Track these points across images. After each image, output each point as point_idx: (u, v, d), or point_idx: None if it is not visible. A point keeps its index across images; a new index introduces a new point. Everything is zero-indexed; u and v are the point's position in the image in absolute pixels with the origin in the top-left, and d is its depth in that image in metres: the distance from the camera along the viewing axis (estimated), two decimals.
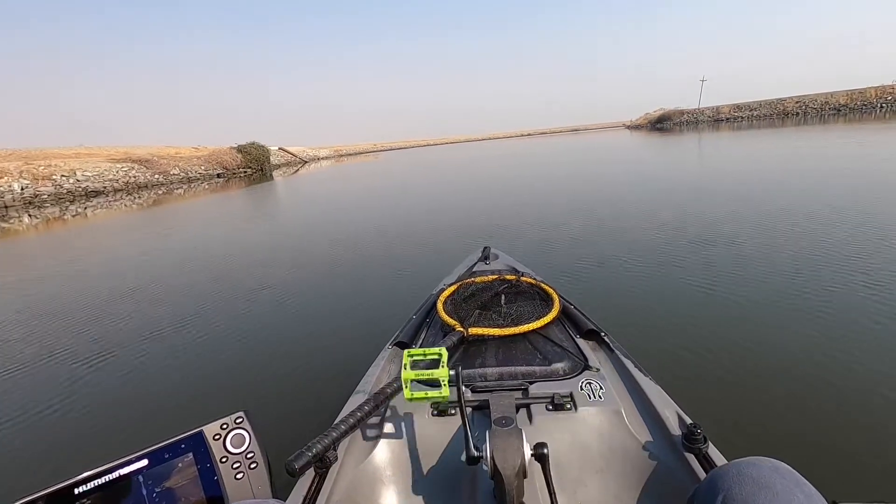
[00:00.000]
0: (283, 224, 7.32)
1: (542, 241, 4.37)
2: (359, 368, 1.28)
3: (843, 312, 2.30)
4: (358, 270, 4.00)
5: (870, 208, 4.31)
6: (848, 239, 3.45)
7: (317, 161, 41.07)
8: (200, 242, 6.21)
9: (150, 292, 3.88)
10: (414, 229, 5.74)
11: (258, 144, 29.51)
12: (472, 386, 1.09)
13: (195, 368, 2.41)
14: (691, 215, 4.84)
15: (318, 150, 49.62)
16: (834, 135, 14.39)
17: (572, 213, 5.68)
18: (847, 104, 37.09)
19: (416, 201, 8.81)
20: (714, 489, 0.61)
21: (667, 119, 49.29)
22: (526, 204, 6.77)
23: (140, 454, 0.67)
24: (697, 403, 1.65)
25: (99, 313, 3.43)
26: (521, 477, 0.72)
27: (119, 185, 19.64)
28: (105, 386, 2.31)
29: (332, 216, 7.67)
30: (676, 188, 7.06)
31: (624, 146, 20.35)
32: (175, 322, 3.10)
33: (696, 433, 0.84)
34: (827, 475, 1.32)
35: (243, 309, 3.24)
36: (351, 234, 5.75)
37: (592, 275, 3.28)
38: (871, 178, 5.96)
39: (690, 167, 10.07)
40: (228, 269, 4.44)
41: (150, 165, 22.34)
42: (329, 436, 0.86)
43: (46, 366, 2.58)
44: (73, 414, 2.08)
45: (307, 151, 45.18)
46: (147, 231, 7.98)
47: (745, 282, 2.82)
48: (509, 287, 1.61)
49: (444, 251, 4.29)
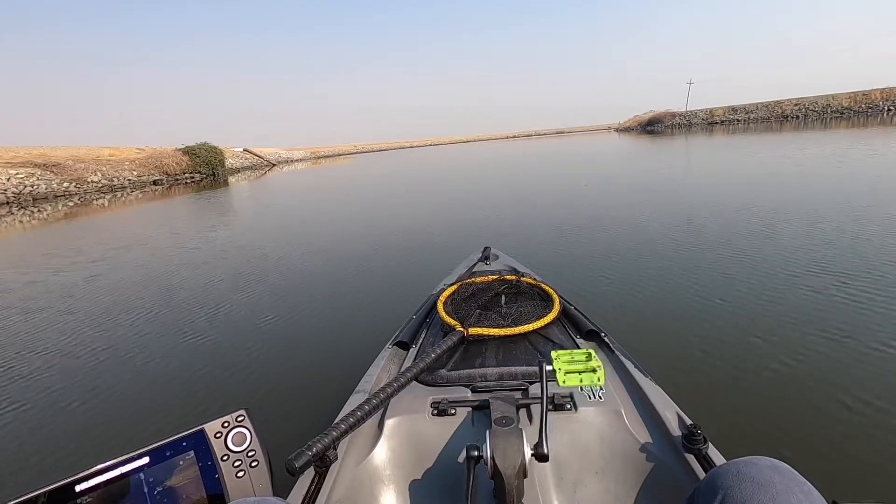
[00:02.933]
0: (269, 229, 7.26)
1: (543, 243, 4.38)
2: (359, 368, 1.28)
3: (843, 314, 2.30)
4: (358, 271, 4.00)
5: (873, 210, 4.31)
6: (850, 243, 3.46)
7: (291, 163, 37.16)
8: (202, 242, 6.22)
9: (150, 290, 3.88)
10: (413, 229, 5.75)
11: (210, 145, 25.72)
12: (472, 386, 1.10)
13: (197, 367, 2.42)
14: (690, 217, 4.84)
15: (292, 152, 44.72)
16: (839, 138, 14.26)
17: (570, 216, 5.68)
18: (850, 107, 35.62)
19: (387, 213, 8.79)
20: (714, 488, 0.61)
21: (658, 122, 47.85)
22: (525, 202, 6.79)
23: (141, 452, 0.67)
24: (697, 404, 1.66)
25: (100, 311, 3.44)
26: (522, 477, 0.73)
27: (9, 197, 14.92)
28: (106, 385, 2.31)
29: (333, 216, 7.67)
30: (677, 189, 7.06)
31: (621, 151, 19.99)
32: (176, 321, 3.11)
33: (696, 434, 0.84)
34: (826, 474, 1.32)
35: (244, 309, 3.24)
36: (352, 234, 5.75)
37: (593, 276, 3.28)
38: (874, 185, 5.95)
39: (692, 169, 10.09)
40: (229, 268, 4.45)
41: (58, 171, 17.56)
42: (329, 435, 0.86)
43: (46, 364, 2.59)
44: (74, 412, 2.09)
45: (280, 153, 40.95)
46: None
47: (745, 283, 2.82)
48: (509, 287, 1.62)
49: (441, 251, 4.29)
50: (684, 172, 9.53)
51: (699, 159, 12.32)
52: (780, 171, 7.88)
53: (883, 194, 5.05)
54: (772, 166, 8.56)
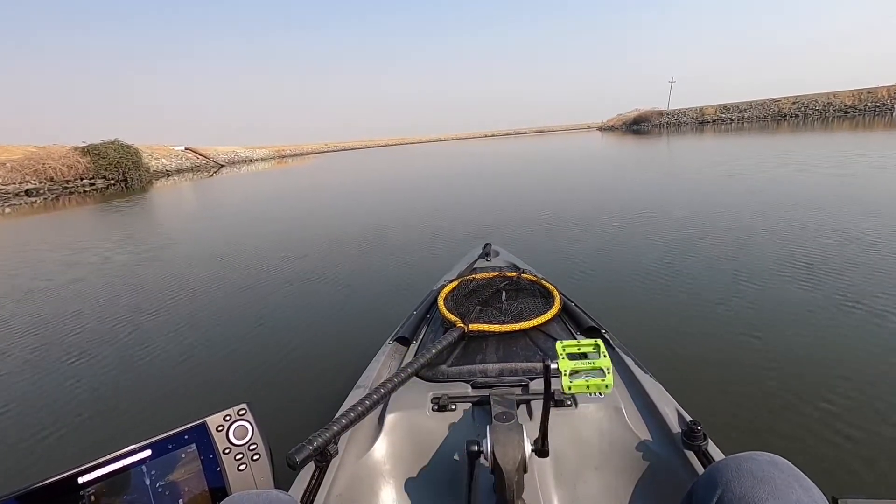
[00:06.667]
0: (277, 228, 7.28)
1: (544, 240, 4.38)
2: (360, 363, 1.29)
3: (844, 311, 2.30)
4: (359, 267, 4.00)
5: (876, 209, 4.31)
6: (854, 242, 3.45)
7: (250, 163, 33.23)
8: (199, 243, 6.22)
9: (153, 287, 3.89)
10: (411, 229, 5.74)
11: (121, 144, 21.42)
12: (472, 382, 1.10)
13: (199, 361, 2.42)
14: (690, 216, 4.84)
15: (253, 151, 41.01)
16: (841, 141, 13.98)
17: (571, 213, 5.67)
18: (854, 105, 33.42)
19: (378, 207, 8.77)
20: (713, 483, 0.61)
21: (644, 121, 45.96)
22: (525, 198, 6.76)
23: (144, 445, 0.67)
24: (697, 400, 1.66)
25: (103, 308, 3.45)
26: (522, 472, 0.73)
27: None
28: (109, 378, 2.32)
29: (334, 211, 7.66)
30: (677, 189, 7.04)
31: (609, 150, 19.33)
32: (178, 316, 3.11)
33: (695, 430, 0.85)
34: (825, 470, 1.33)
35: (246, 303, 3.25)
36: (352, 230, 5.75)
37: (593, 272, 3.29)
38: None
39: (693, 167, 10.06)
40: (231, 265, 4.45)
41: None
42: (330, 429, 0.86)
43: (49, 359, 2.59)
44: (77, 405, 2.09)
45: (238, 152, 36.84)
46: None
47: (745, 280, 2.82)
48: (510, 284, 1.62)
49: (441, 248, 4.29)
50: (684, 170, 9.51)
51: (698, 158, 12.30)
52: (790, 174, 7.86)
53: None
54: (786, 171, 8.53)
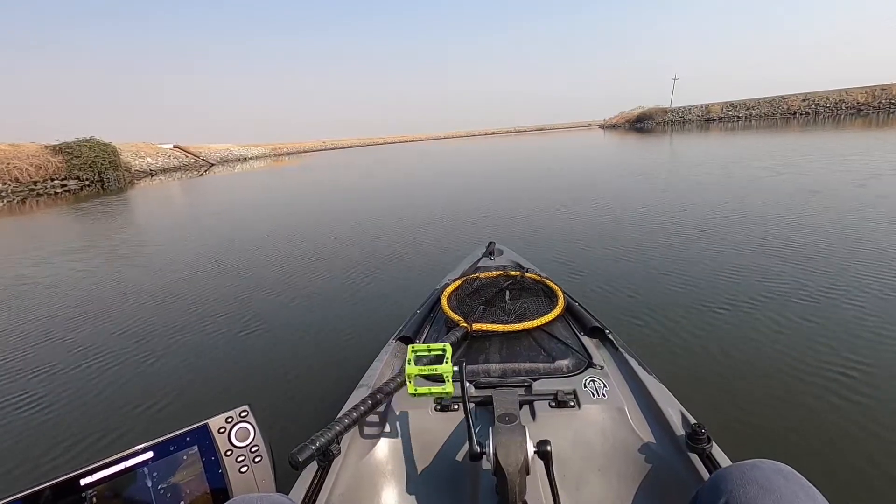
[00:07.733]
0: (279, 228, 7.31)
1: (548, 239, 4.35)
2: (362, 363, 1.29)
3: (856, 317, 2.26)
4: (362, 266, 4.00)
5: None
6: (864, 245, 3.41)
7: (243, 162, 32.28)
8: (197, 242, 6.25)
9: (157, 288, 3.91)
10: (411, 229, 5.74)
11: (97, 142, 20.50)
12: (475, 382, 1.10)
13: (200, 363, 2.42)
14: (698, 217, 4.80)
15: (247, 149, 40.03)
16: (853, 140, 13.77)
17: (575, 212, 5.64)
18: (868, 102, 32.17)
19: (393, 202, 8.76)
20: (717, 491, 0.60)
21: (648, 118, 44.87)
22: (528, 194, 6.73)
23: (145, 446, 0.67)
24: (701, 403, 1.64)
25: (103, 307, 3.47)
26: (524, 474, 0.72)
27: None
28: (111, 380, 2.33)
29: (335, 210, 7.67)
30: (678, 189, 6.98)
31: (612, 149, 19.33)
32: (179, 318, 3.12)
33: (699, 433, 0.84)
34: (833, 480, 1.30)
35: (247, 305, 3.25)
36: (353, 229, 5.75)
37: (598, 272, 3.26)
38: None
39: (703, 167, 9.96)
40: (232, 263, 4.47)
41: None
42: (332, 430, 0.86)
43: (49, 360, 2.62)
44: (79, 407, 2.10)
45: (232, 150, 35.79)
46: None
47: (753, 283, 2.79)
48: (514, 283, 1.61)
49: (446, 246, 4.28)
50: (688, 168, 9.42)
51: (699, 156, 12.18)
52: (797, 175, 7.76)
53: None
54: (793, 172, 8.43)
